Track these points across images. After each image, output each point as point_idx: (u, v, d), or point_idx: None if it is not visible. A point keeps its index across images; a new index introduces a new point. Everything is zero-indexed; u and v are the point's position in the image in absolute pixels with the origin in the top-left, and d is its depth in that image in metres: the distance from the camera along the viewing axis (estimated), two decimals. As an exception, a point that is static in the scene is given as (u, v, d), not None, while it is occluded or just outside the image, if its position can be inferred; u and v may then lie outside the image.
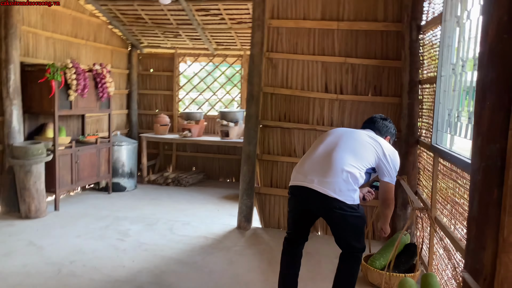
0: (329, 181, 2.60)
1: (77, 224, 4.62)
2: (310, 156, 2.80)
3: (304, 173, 2.71)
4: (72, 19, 5.97)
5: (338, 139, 2.80)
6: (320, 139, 2.92)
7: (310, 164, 2.74)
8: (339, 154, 2.68)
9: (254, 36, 4.44)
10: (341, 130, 2.96)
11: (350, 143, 2.76)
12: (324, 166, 2.67)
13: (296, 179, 2.77)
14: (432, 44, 3.71)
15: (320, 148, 2.78)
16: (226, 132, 6.76)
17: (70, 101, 5.21)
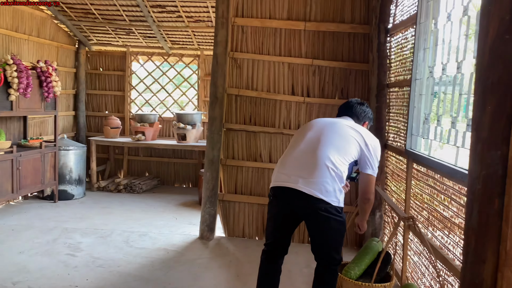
0: (314, 181, 2.42)
1: (20, 238, 4.14)
2: (292, 153, 2.58)
3: (288, 172, 2.50)
4: (12, 11, 5.42)
5: (320, 133, 2.59)
6: (300, 134, 2.69)
7: (293, 163, 2.53)
8: (324, 151, 2.49)
9: (218, 35, 4.20)
10: (322, 122, 2.71)
11: (333, 138, 2.56)
12: (308, 164, 2.47)
13: (279, 180, 2.54)
14: (402, 47, 3.66)
15: (302, 145, 2.57)
16: (183, 136, 6.45)
17: (11, 101, 4.70)
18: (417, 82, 3.09)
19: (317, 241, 2.57)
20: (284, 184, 2.49)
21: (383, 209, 4.06)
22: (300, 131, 2.76)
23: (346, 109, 2.87)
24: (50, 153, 5.45)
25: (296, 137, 2.72)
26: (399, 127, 3.66)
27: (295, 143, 2.65)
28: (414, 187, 3.20)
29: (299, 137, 2.66)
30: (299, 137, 2.66)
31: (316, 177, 2.42)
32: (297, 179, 2.44)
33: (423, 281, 2.96)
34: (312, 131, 2.63)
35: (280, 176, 2.54)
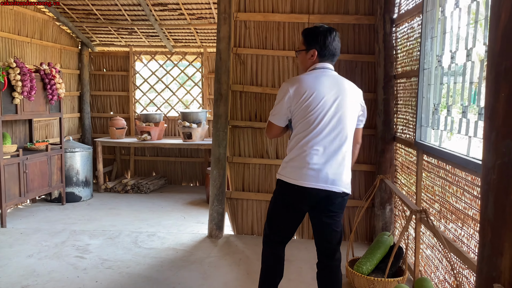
0: (340, 173, 2.35)
1: (28, 241, 4.13)
2: (321, 143, 2.33)
3: (319, 171, 2.31)
4: (14, 14, 5.40)
5: (337, 114, 2.35)
6: (315, 112, 2.33)
7: (325, 158, 2.32)
8: (346, 139, 2.37)
9: (221, 31, 4.15)
10: (331, 95, 2.35)
11: (348, 119, 2.39)
12: (336, 156, 2.34)
13: (312, 180, 2.32)
14: (408, 37, 3.59)
15: (326, 131, 2.33)
16: (189, 134, 6.42)
17: (15, 104, 4.68)
18: (425, 72, 3.02)
19: (329, 235, 2.51)
20: (319, 186, 2.33)
21: (394, 203, 4.00)
22: (312, 108, 2.35)
23: (331, 57, 2.48)
24: (56, 156, 5.44)
25: (311, 115, 2.35)
26: (408, 119, 3.59)
27: (316, 127, 2.34)
28: (425, 179, 3.14)
29: (318, 118, 2.34)
30: (318, 118, 2.34)
31: (341, 168, 2.39)
32: (329, 178, 2.33)
33: (437, 275, 2.90)
34: (329, 111, 2.35)
35: (312, 174, 2.33)
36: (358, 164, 4.19)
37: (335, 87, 2.39)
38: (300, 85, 2.37)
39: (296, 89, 2.37)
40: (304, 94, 2.35)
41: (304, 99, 2.34)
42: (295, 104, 2.37)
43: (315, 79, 2.39)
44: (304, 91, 2.35)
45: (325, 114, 2.34)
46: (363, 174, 4.21)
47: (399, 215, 3.90)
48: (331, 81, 2.41)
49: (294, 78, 2.46)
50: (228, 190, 4.41)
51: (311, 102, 2.34)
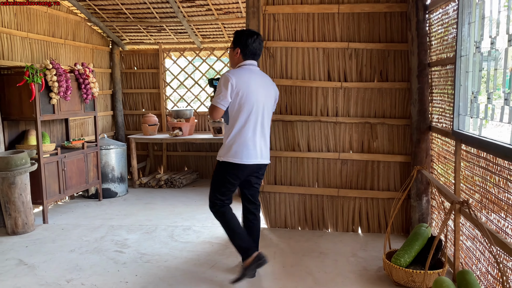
0: (266, 150, 3.26)
1: (70, 237, 4.28)
2: (253, 128, 3.13)
3: (253, 150, 3.14)
4: (48, 17, 5.57)
5: (263, 103, 3.16)
6: (249, 103, 3.07)
7: (256, 140, 3.15)
8: (269, 122, 3.28)
9: (249, 25, 4.15)
10: (259, 87, 3.13)
11: (270, 106, 3.26)
12: (263, 137, 3.21)
13: (250, 158, 3.12)
14: (442, 23, 3.49)
15: (256, 118, 3.12)
16: (219, 129, 6.47)
17: (53, 104, 4.84)
18: (463, 59, 2.93)
19: (256, 190, 3.44)
20: (255, 162, 3.17)
21: (430, 194, 3.92)
22: (242, 102, 3.08)
23: (255, 56, 3.18)
24: (92, 153, 5.59)
25: (243, 109, 3.09)
26: (444, 108, 3.50)
27: (248, 117, 3.11)
28: (464, 169, 3.06)
29: (246, 110, 3.09)
30: (246, 110, 3.09)
31: (267, 147, 3.30)
32: (260, 154, 3.20)
33: (479, 267, 2.83)
34: (254, 107, 3.11)
35: (252, 153, 3.14)
36: (392, 155, 4.13)
37: (261, 81, 3.15)
38: (239, 78, 3.03)
39: (236, 81, 3.02)
40: (243, 86, 3.03)
41: (242, 90, 3.03)
42: (234, 94, 3.03)
43: (249, 73, 3.10)
44: (242, 83, 3.03)
45: (255, 103, 3.09)
46: (398, 165, 4.14)
47: (436, 206, 3.82)
48: (258, 76, 3.16)
49: (233, 71, 3.08)
50: (261, 184, 4.43)
51: (246, 93, 3.04)
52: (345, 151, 4.24)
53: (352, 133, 4.21)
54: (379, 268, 3.41)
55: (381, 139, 4.17)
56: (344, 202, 4.28)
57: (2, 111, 4.60)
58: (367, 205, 4.25)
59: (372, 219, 4.26)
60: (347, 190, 4.24)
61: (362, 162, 4.21)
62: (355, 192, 4.22)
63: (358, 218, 4.29)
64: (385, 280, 3.18)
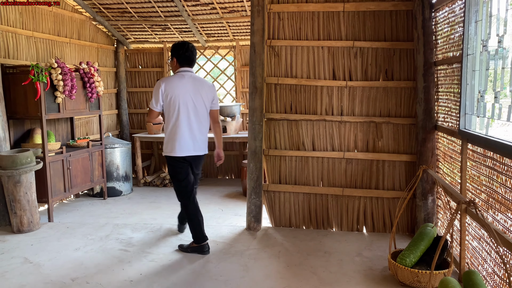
0: (201, 142, 3.75)
1: (75, 235, 4.29)
2: (187, 125, 3.61)
3: (189, 144, 3.66)
4: (53, 16, 5.58)
5: (194, 103, 3.63)
6: (179, 103, 3.57)
7: (191, 135, 3.65)
8: (203, 119, 3.73)
9: (254, 23, 4.14)
10: (190, 89, 3.61)
11: (203, 105, 3.70)
12: (198, 132, 3.68)
13: (188, 151, 3.67)
14: (449, 21, 3.46)
15: (188, 116, 3.61)
16: (223, 128, 6.46)
17: (58, 103, 4.85)
18: (469, 58, 2.90)
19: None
20: (192, 154, 3.71)
21: (436, 193, 3.90)
22: (174, 105, 3.59)
23: (192, 63, 3.72)
24: (97, 152, 5.61)
25: (176, 110, 3.59)
26: (450, 107, 3.47)
27: (178, 115, 3.61)
28: (470, 169, 3.03)
29: (179, 112, 3.60)
30: (179, 112, 3.60)
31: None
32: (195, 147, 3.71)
33: (485, 267, 2.81)
34: (187, 108, 3.61)
35: (187, 148, 3.66)
36: (397, 155, 4.11)
37: (192, 84, 3.63)
38: (168, 83, 3.57)
39: (166, 86, 3.57)
40: (171, 90, 3.56)
41: (171, 93, 3.56)
42: (165, 97, 3.57)
43: (180, 78, 3.61)
44: (171, 87, 3.56)
45: (184, 104, 3.57)
46: (403, 164, 4.12)
47: (441, 205, 3.80)
48: (190, 80, 3.63)
49: (164, 78, 3.64)
50: (265, 183, 4.42)
51: (176, 96, 3.56)
52: (350, 150, 4.22)
53: (357, 132, 4.19)
54: (384, 268, 3.39)
55: (386, 138, 4.15)
56: (349, 202, 4.26)
57: (8, 110, 4.62)
58: (372, 205, 4.23)
59: (377, 219, 4.24)
60: (352, 190, 4.22)
61: (367, 162, 4.19)
62: (360, 192, 4.21)
63: (363, 218, 4.27)
64: (391, 280, 3.17)
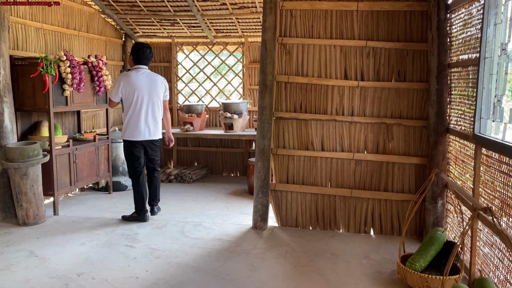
0: (154, 128, 4.49)
1: (80, 229, 4.28)
2: (141, 113, 4.41)
3: (143, 129, 4.44)
4: (62, 8, 5.55)
5: (148, 94, 4.42)
6: (135, 95, 4.37)
7: (144, 122, 4.42)
8: (156, 108, 4.49)
9: (266, 20, 4.09)
10: (144, 83, 4.41)
11: (156, 97, 4.47)
12: (151, 119, 4.46)
13: (141, 136, 4.44)
14: (465, 23, 3.40)
15: (142, 106, 4.40)
16: (230, 125, 6.43)
17: (66, 96, 4.82)
18: (487, 61, 2.85)
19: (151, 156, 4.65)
20: (143, 138, 4.47)
21: (446, 197, 3.85)
22: (130, 96, 4.40)
23: (147, 61, 4.50)
24: (104, 146, 5.58)
25: (133, 100, 4.40)
26: (464, 110, 3.42)
27: (136, 105, 4.41)
28: (484, 174, 2.99)
29: (135, 102, 4.40)
30: (135, 102, 4.40)
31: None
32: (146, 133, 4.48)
33: (497, 274, 2.77)
34: (141, 98, 4.41)
35: (138, 133, 4.44)
36: (408, 157, 4.07)
37: (147, 79, 4.42)
38: (127, 79, 4.38)
39: (124, 82, 4.38)
40: (128, 84, 4.36)
41: (129, 87, 4.37)
42: (123, 90, 4.39)
43: (136, 74, 4.40)
44: (128, 82, 4.36)
45: (141, 95, 4.37)
46: (413, 167, 4.07)
47: (451, 210, 3.75)
48: (143, 76, 4.42)
49: (122, 74, 4.44)
50: (272, 182, 4.38)
51: (133, 88, 4.36)
52: (360, 151, 4.18)
53: (367, 133, 4.14)
54: (392, 271, 3.36)
55: (397, 140, 4.10)
56: (357, 203, 4.22)
57: (16, 102, 4.60)
58: (380, 207, 4.19)
59: (385, 221, 4.20)
60: (361, 191, 4.18)
61: (376, 163, 4.14)
62: (369, 193, 4.17)
63: (370, 220, 4.23)
64: (399, 284, 3.13)
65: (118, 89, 4.39)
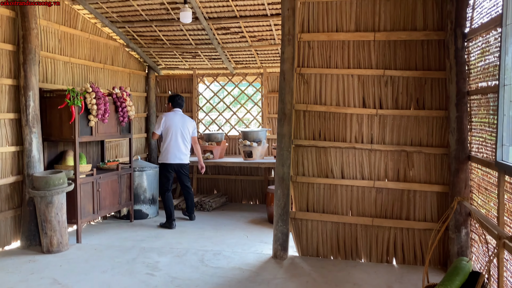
0: (184, 155, 5.72)
1: (102, 257, 4.33)
2: (176, 144, 5.67)
3: (176, 155, 5.68)
4: (89, 42, 5.81)
5: (181, 130, 5.67)
6: (173, 130, 5.64)
7: (178, 150, 5.67)
8: (187, 141, 5.76)
9: (285, 52, 4.19)
10: (179, 122, 5.69)
11: (187, 133, 5.74)
12: (183, 148, 5.71)
13: (174, 160, 5.67)
14: (483, 51, 3.43)
15: (177, 139, 5.65)
16: (249, 153, 6.49)
17: (91, 126, 4.98)
18: (506, 88, 2.85)
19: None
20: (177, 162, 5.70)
21: (470, 226, 3.77)
22: (169, 130, 5.66)
23: (180, 105, 5.84)
24: (126, 175, 5.70)
25: (171, 133, 5.65)
26: (485, 137, 3.40)
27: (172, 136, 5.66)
28: (508, 202, 2.93)
29: (173, 133, 5.66)
30: (173, 133, 5.66)
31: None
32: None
33: (526, 307, 2.68)
34: (177, 130, 5.67)
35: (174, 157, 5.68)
36: (429, 185, 4.03)
37: (180, 118, 5.70)
38: (167, 118, 5.65)
39: (165, 119, 5.63)
40: (168, 122, 5.62)
41: (168, 124, 5.61)
42: (164, 125, 5.62)
43: (173, 115, 5.69)
44: (168, 120, 5.63)
45: (175, 130, 5.61)
46: (435, 195, 4.03)
47: (476, 239, 3.67)
48: (178, 116, 5.71)
49: (165, 114, 5.70)
50: (292, 210, 4.38)
51: (170, 125, 5.61)
52: (380, 179, 4.16)
53: (387, 161, 4.14)
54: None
55: (418, 168, 4.07)
56: (379, 232, 4.17)
57: (43, 132, 4.77)
58: (403, 236, 4.13)
59: (408, 250, 4.13)
60: (382, 220, 4.14)
61: (397, 191, 4.11)
62: (390, 222, 4.12)
63: (393, 249, 4.16)
64: (424, 316, 3.05)
65: (160, 125, 5.60)
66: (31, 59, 4.53)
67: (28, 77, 4.52)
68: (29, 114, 4.53)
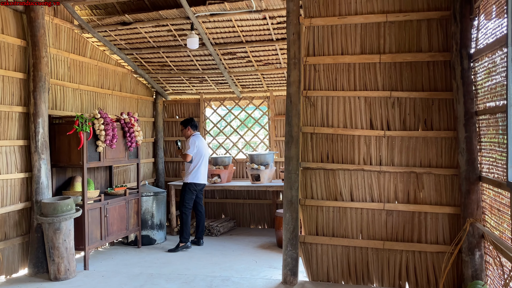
0: (206, 177, 6.03)
1: (110, 285, 4.27)
2: (202, 166, 5.88)
3: (201, 176, 5.89)
4: (98, 69, 5.91)
5: (207, 153, 6.01)
6: (201, 153, 5.85)
7: (204, 171, 5.93)
8: (208, 163, 6.09)
9: (291, 75, 4.22)
10: (204, 145, 5.98)
11: (208, 155, 6.12)
12: (207, 170, 6.04)
13: (201, 180, 5.89)
14: (490, 71, 3.42)
15: (203, 161, 5.86)
16: (257, 176, 6.46)
17: (99, 152, 5.01)
18: (515, 108, 2.83)
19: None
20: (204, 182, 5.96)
21: (484, 248, 3.69)
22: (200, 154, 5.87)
23: (197, 128, 6.06)
24: (134, 200, 5.68)
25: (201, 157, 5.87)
26: (495, 157, 3.36)
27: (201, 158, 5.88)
28: (522, 223, 2.87)
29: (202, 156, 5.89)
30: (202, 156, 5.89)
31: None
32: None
33: (546, 332, 2.58)
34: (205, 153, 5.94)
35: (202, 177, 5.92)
36: (440, 206, 3.97)
37: (204, 141, 5.97)
38: (197, 139, 5.83)
39: (198, 142, 5.81)
40: (198, 143, 5.81)
41: (198, 145, 5.80)
42: (196, 147, 5.77)
43: (200, 137, 5.91)
44: (199, 142, 5.82)
45: (203, 152, 5.85)
46: (446, 217, 3.95)
47: (490, 261, 3.58)
48: (202, 138, 5.97)
49: (195, 136, 5.85)
50: (301, 234, 4.32)
51: (201, 147, 5.83)
52: (390, 201, 4.10)
53: (397, 183, 4.09)
54: None
55: (428, 189, 4.02)
56: (390, 255, 4.09)
57: (52, 158, 4.80)
58: (415, 259, 4.04)
59: (420, 274, 4.03)
60: (393, 243, 4.06)
61: (408, 213, 4.05)
62: (402, 245, 4.04)
63: (405, 273, 4.07)
64: None
65: (194, 146, 5.74)
66: (41, 87, 4.60)
67: (38, 104, 4.58)
68: (38, 140, 4.57)
